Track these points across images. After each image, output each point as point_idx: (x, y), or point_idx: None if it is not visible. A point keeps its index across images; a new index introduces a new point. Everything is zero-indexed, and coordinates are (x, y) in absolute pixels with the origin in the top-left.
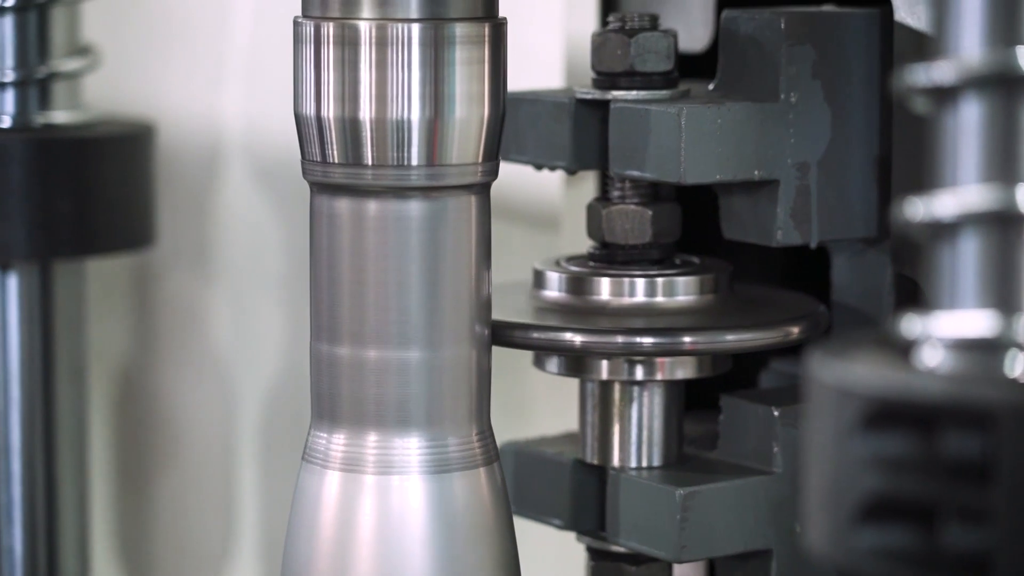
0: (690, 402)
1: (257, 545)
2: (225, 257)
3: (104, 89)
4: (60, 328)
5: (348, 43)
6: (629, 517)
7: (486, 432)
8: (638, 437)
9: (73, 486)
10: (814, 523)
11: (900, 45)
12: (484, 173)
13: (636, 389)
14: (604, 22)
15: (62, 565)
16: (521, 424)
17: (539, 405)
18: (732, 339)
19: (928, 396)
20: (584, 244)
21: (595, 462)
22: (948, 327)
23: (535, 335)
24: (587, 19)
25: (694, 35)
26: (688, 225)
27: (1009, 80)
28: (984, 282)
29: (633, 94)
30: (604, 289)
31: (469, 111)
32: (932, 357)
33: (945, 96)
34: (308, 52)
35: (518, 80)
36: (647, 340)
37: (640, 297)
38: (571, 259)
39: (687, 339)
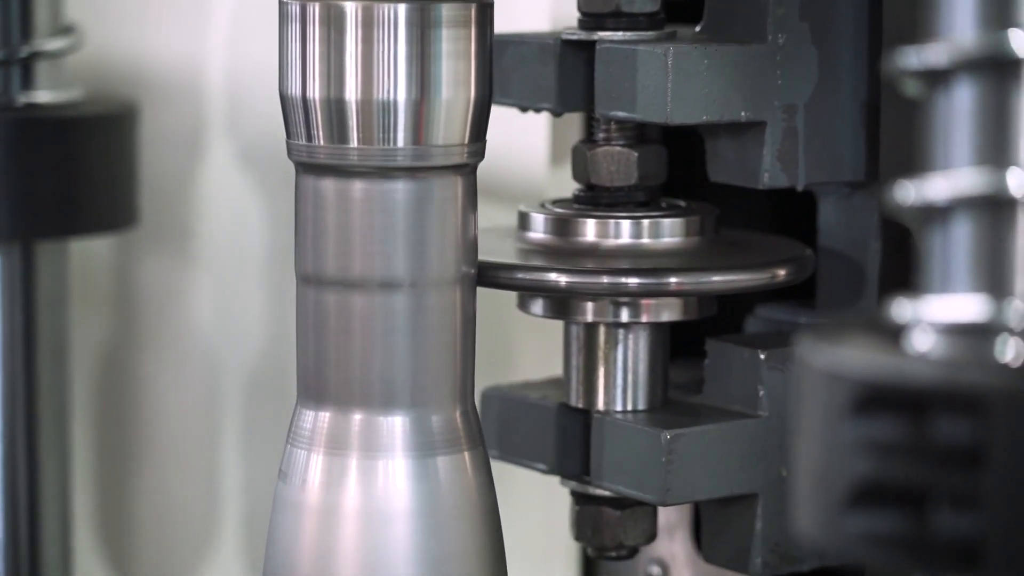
0: (675, 351)
1: (240, 527)
2: (207, 238)
3: (85, 68)
4: (42, 308)
5: (334, 23)
6: (614, 460)
7: (470, 413)
8: (623, 380)
9: (55, 468)
10: (804, 508)
11: None
12: (470, 154)
13: (621, 332)
14: None
15: (43, 548)
16: (505, 371)
17: (523, 351)
18: (718, 280)
19: (919, 381)
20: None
21: (580, 406)
22: (939, 311)
23: (520, 275)
24: None
25: None
26: (674, 172)
27: (1001, 63)
28: (975, 266)
29: (619, 35)
30: (589, 230)
31: (455, 92)
32: (923, 341)
33: (937, 79)
34: (294, 32)
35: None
36: (633, 280)
37: (626, 239)
38: (556, 202)
39: (673, 279)
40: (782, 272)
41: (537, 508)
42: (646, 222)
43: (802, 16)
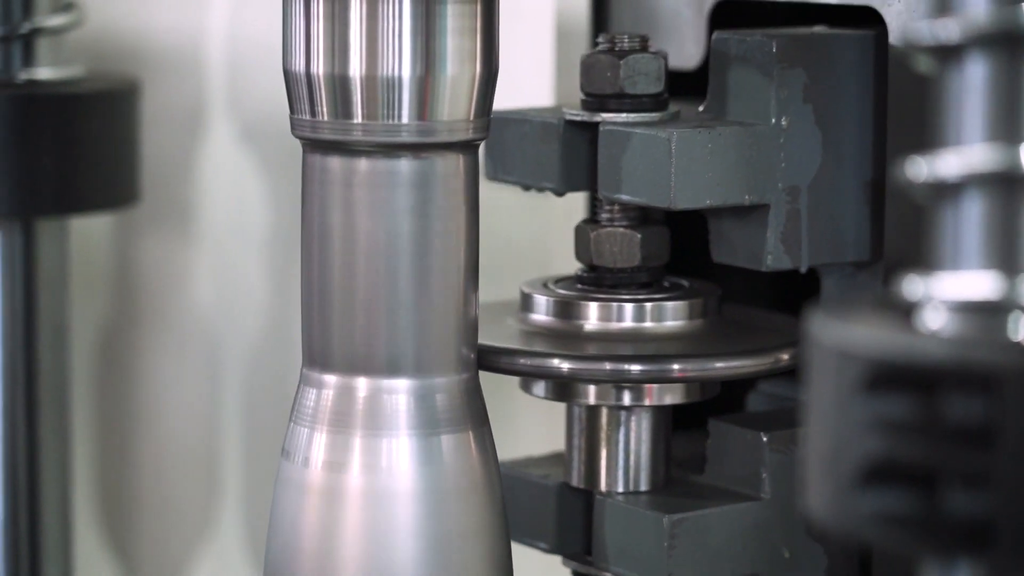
0: (678, 420)
1: (241, 507)
2: (208, 216)
3: (87, 44)
4: (42, 286)
5: None
6: (616, 543)
7: (474, 389)
8: (625, 462)
9: (54, 447)
10: (815, 487)
11: (895, 67)
12: (475, 130)
13: (624, 414)
14: (594, 43)
15: (44, 526)
16: (507, 443)
17: (525, 424)
18: (721, 366)
19: (931, 359)
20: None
21: (582, 486)
22: (951, 289)
23: (522, 361)
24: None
25: (686, 53)
26: (677, 246)
27: (1014, 39)
28: (987, 243)
29: (622, 116)
30: (592, 314)
31: (461, 68)
32: (935, 319)
33: (950, 55)
34: (298, 7)
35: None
36: (635, 367)
37: (628, 322)
38: (559, 281)
39: (676, 366)
40: (785, 356)
41: None
42: (649, 305)
43: (805, 98)
